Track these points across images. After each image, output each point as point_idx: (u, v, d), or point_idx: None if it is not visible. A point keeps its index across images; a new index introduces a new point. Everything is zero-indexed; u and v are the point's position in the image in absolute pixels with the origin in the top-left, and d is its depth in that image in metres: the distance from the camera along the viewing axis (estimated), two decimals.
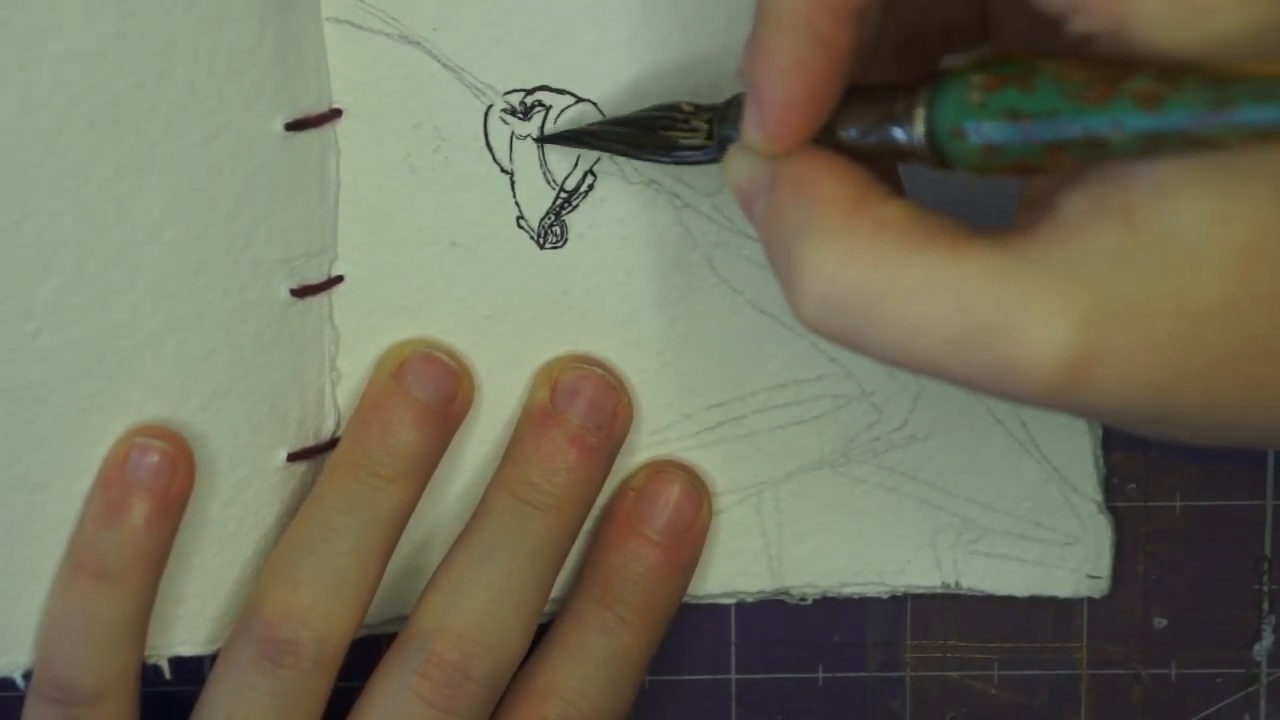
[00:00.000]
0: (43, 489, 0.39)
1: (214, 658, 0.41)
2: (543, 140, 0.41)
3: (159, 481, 0.39)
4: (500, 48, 0.41)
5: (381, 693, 0.41)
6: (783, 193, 0.32)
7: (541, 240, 0.42)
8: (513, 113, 0.41)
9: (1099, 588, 0.45)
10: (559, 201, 0.42)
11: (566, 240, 0.42)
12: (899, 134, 0.32)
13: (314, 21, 0.40)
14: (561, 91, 0.41)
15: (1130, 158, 0.28)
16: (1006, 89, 0.29)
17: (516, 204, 0.42)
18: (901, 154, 0.32)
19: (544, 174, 0.41)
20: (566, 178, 0.41)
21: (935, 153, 0.31)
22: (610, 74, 0.41)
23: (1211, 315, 0.29)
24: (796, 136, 0.32)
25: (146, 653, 0.41)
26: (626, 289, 0.42)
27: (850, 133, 0.33)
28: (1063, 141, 0.29)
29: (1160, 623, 0.46)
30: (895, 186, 0.36)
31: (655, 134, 0.38)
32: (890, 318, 0.30)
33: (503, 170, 0.41)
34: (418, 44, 0.41)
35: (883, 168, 0.34)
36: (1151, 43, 0.28)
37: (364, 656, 0.41)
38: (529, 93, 0.41)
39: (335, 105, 0.41)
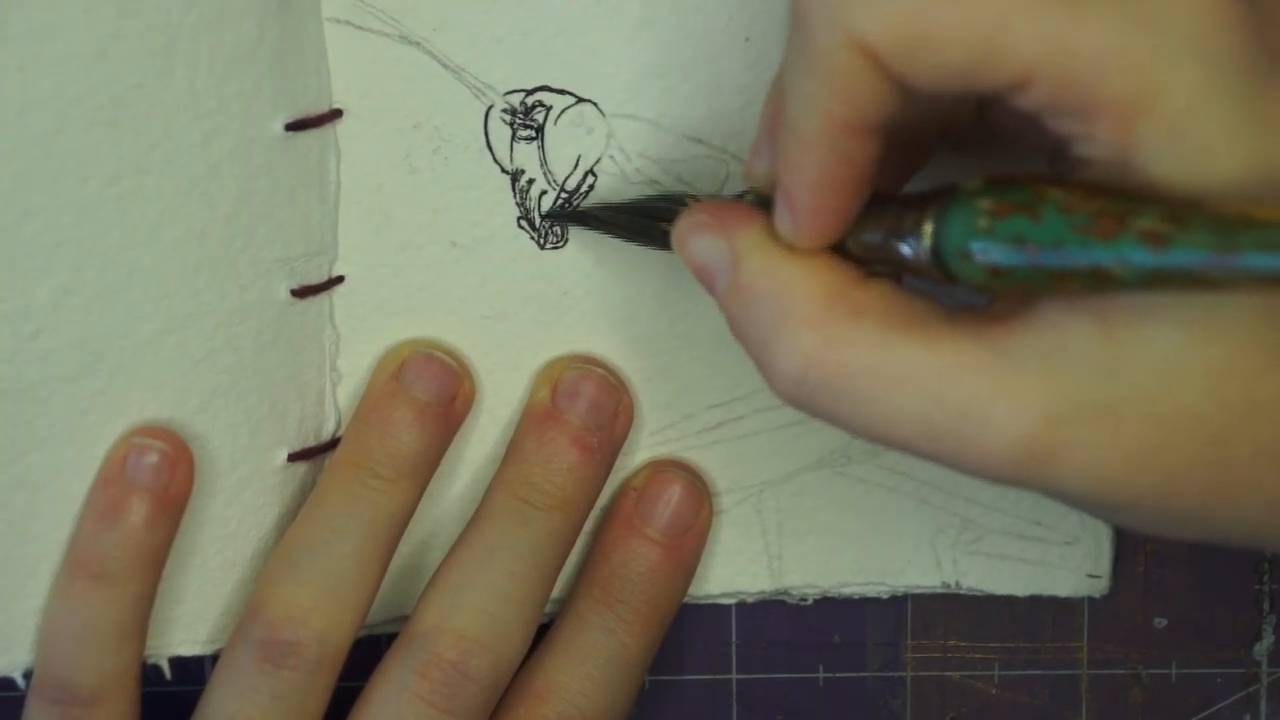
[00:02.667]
0: (43, 489, 0.39)
1: (214, 658, 0.41)
2: (550, 217, 0.41)
3: (158, 482, 0.39)
4: (500, 48, 0.40)
5: (381, 693, 0.41)
6: (753, 276, 0.33)
7: (542, 240, 0.42)
8: (513, 113, 0.41)
9: (1099, 587, 0.45)
10: (559, 201, 0.42)
11: (567, 240, 0.42)
12: (906, 249, 0.32)
13: (314, 21, 0.40)
14: (561, 92, 0.41)
15: (1133, 290, 0.29)
16: (1013, 216, 0.29)
17: (517, 204, 0.42)
18: (907, 266, 0.32)
19: (544, 174, 0.41)
20: (567, 178, 0.41)
21: (940, 269, 0.31)
22: (610, 74, 0.41)
23: (1180, 424, 0.30)
24: (827, 239, 0.33)
25: (146, 653, 0.41)
26: (627, 289, 0.42)
27: (859, 241, 0.33)
28: (1068, 271, 0.29)
29: (1160, 623, 0.46)
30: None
31: (657, 225, 0.38)
32: (864, 402, 0.32)
33: (503, 170, 0.41)
34: (418, 44, 0.40)
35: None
36: (1154, 177, 0.29)
37: (364, 656, 0.41)
38: (529, 93, 0.41)
39: (335, 105, 0.41)
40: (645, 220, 0.39)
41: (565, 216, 0.41)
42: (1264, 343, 0.30)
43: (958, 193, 0.31)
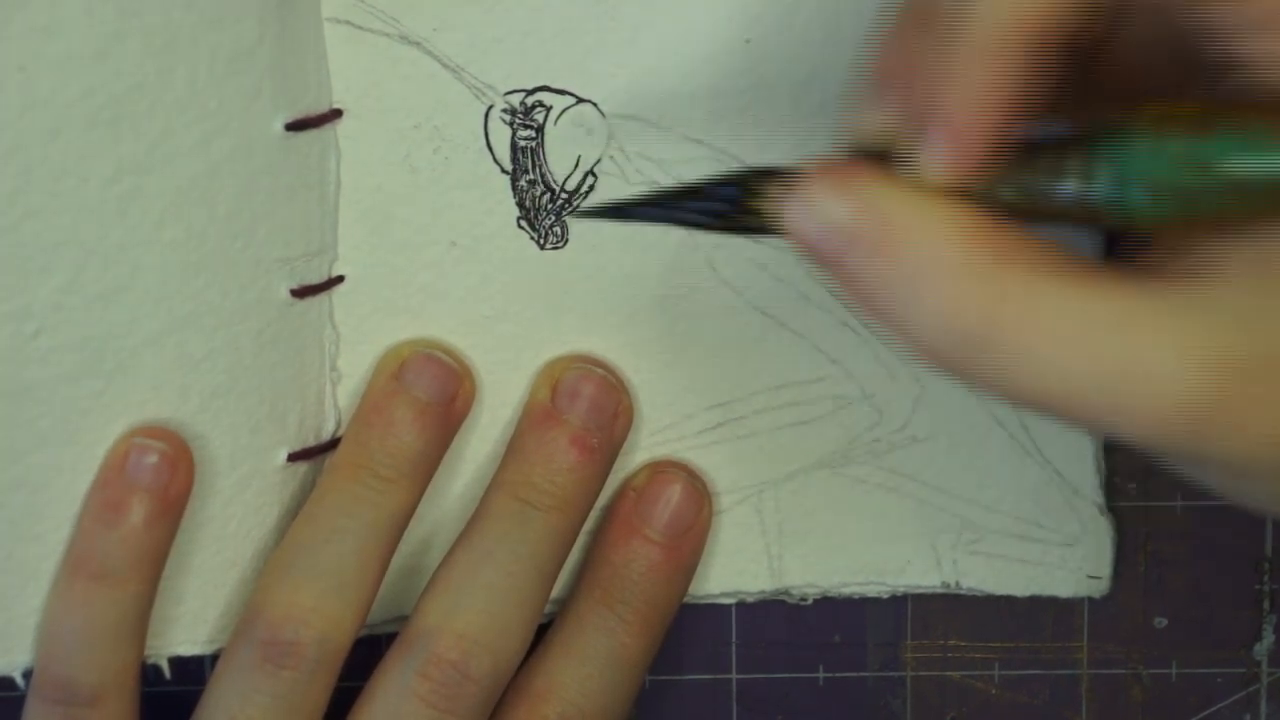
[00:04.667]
0: (43, 489, 0.39)
1: (214, 658, 0.41)
2: (586, 214, 0.40)
3: (158, 482, 0.39)
4: (500, 48, 0.40)
5: (381, 693, 0.41)
6: (896, 231, 0.30)
7: (542, 240, 0.42)
8: (513, 113, 0.41)
9: (1099, 588, 0.45)
10: (559, 201, 0.42)
11: (567, 240, 0.42)
12: (1063, 188, 0.30)
13: (314, 21, 0.40)
14: (561, 92, 0.41)
15: None
16: (1184, 137, 0.28)
17: (517, 204, 0.42)
18: (1050, 210, 0.31)
19: (544, 174, 0.41)
20: (567, 178, 0.41)
21: (1095, 206, 0.30)
22: (610, 74, 0.41)
23: None
24: (979, 169, 0.31)
25: (146, 653, 0.41)
26: (627, 289, 0.42)
27: (999, 184, 0.31)
28: (1245, 188, 0.28)
29: (1160, 623, 0.46)
30: None
31: (710, 204, 0.35)
32: (1014, 355, 0.29)
33: (503, 170, 0.41)
34: (418, 44, 0.40)
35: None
36: None
37: (364, 656, 0.41)
38: (529, 93, 0.41)
39: (335, 105, 0.41)
40: (693, 202, 0.35)
41: (602, 213, 0.38)
42: None
43: (1127, 124, 0.29)
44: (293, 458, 0.42)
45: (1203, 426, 0.29)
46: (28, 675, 0.40)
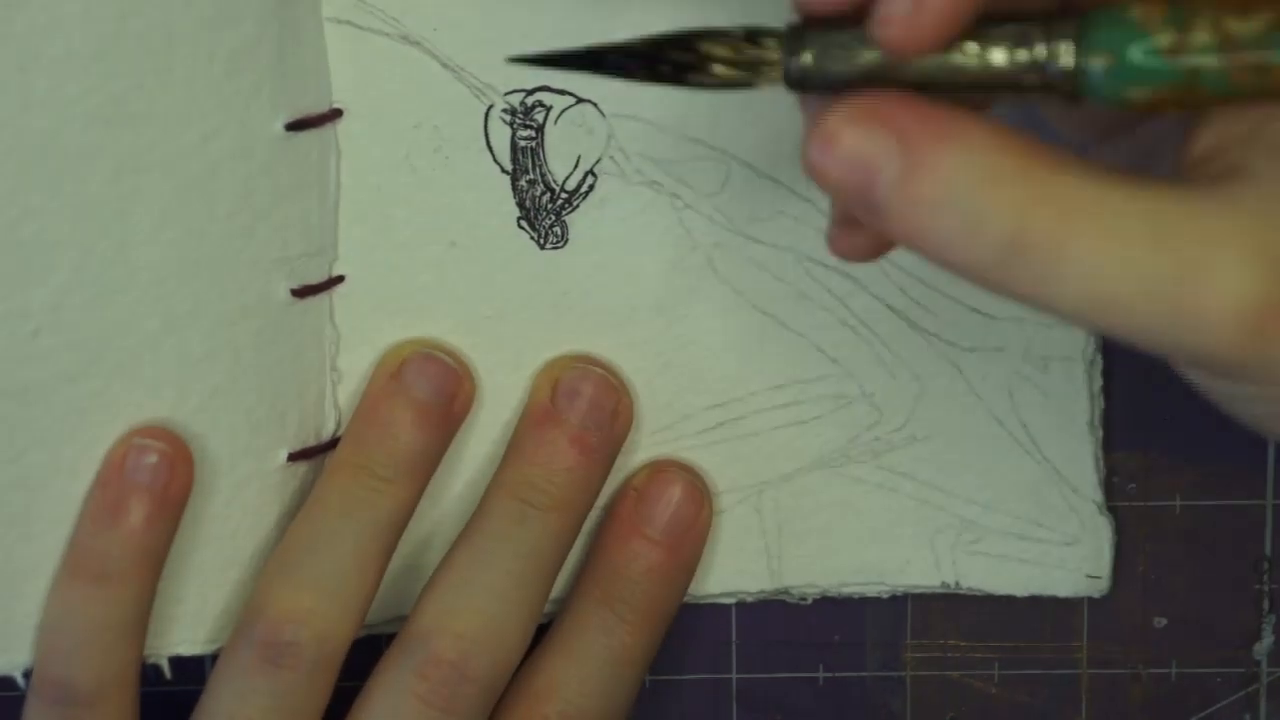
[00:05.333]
0: (42, 489, 0.39)
1: (214, 658, 0.41)
2: (546, 61, 0.34)
3: (158, 482, 0.39)
4: (501, 48, 0.40)
5: (380, 693, 0.41)
6: (930, 147, 0.29)
7: (542, 240, 0.42)
8: (513, 113, 0.41)
9: (1099, 588, 0.45)
10: (559, 201, 0.42)
11: (567, 240, 0.42)
12: (1034, 64, 0.30)
13: (314, 21, 0.40)
14: (561, 92, 0.41)
15: None
16: (1167, 17, 0.28)
17: (517, 204, 0.42)
18: (1019, 87, 0.30)
19: (544, 174, 0.41)
20: (567, 178, 0.41)
21: (1075, 88, 0.30)
22: None
23: None
24: (939, 36, 0.29)
25: (146, 653, 0.41)
26: (627, 289, 0.42)
27: (976, 54, 0.30)
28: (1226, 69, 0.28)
29: (1160, 622, 0.46)
30: None
31: (679, 57, 0.33)
32: (1080, 259, 0.28)
33: (503, 170, 0.41)
34: (418, 44, 0.40)
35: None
36: None
37: (364, 656, 0.41)
38: (529, 93, 0.41)
39: (335, 105, 0.41)
40: (664, 54, 0.34)
41: (572, 57, 0.34)
42: None
43: (1104, 13, 0.29)
44: (293, 458, 0.42)
45: (1262, 330, 0.28)
46: (28, 675, 0.40)
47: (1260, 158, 0.29)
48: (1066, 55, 0.30)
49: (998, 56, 0.30)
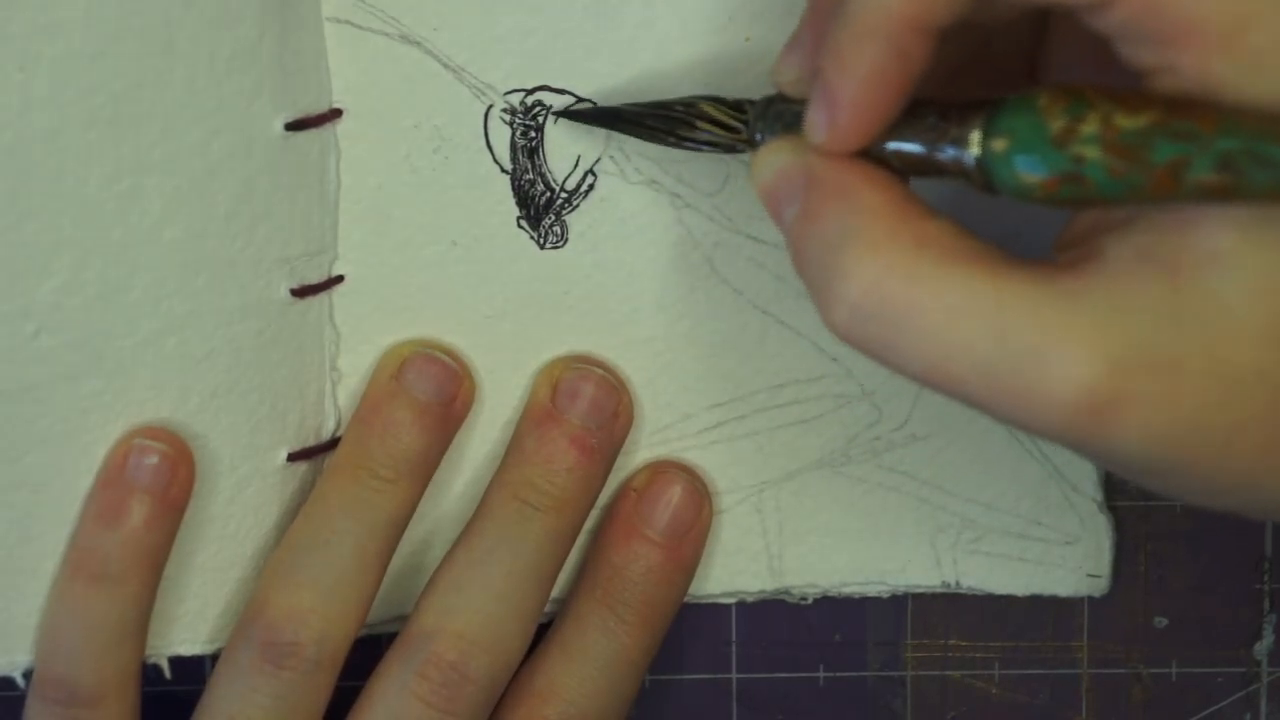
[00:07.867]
0: (43, 489, 0.39)
1: (214, 657, 0.42)
2: (565, 115, 0.41)
3: (158, 482, 0.39)
4: (500, 48, 0.40)
5: (381, 693, 0.41)
6: (823, 199, 0.32)
7: (542, 240, 0.42)
8: (513, 113, 0.41)
9: (1099, 587, 0.45)
10: (559, 201, 0.42)
11: (567, 240, 0.42)
12: (950, 152, 0.31)
13: (314, 21, 0.40)
14: (561, 91, 0.41)
15: (1192, 200, 0.28)
16: (1070, 125, 0.29)
17: (517, 204, 0.42)
18: (945, 172, 0.32)
19: (544, 174, 0.41)
20: (567, 178, 0.41)
21: (984, 176, 0.31)
22: (610, 74, 0.41)
23: (1242, 380, 0.29)
24: (862, 140, 0.32)
25: (146, 653, 0.41)
26: (627, 289, 0.42)
27: (899, 146, 0.32)
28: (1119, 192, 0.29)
29: (1160, 622, 0.46)
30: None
31: (673, 133, 0.38)
32: (924, 334, 0.30)
33: (503, 170, 0.41)
34: (418, 44, 0.40)
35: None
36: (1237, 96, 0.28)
37: (364, 656, 0.41)
38: (529, 93, 0.41)
39: (335, 105, 0.41)
40: (667, 121, 0.39)
41: (587, 115, 0.40)
42: None
43: (1012, 100, 0.30)
44: (293, 458, 0.42)
45: (1091, 416, 0.29)
46: (28, 675, 0.40)
47: (1119, 247, 0.30)
48: (975, 142, 0.31)
49: (914, 149, 0.32)
